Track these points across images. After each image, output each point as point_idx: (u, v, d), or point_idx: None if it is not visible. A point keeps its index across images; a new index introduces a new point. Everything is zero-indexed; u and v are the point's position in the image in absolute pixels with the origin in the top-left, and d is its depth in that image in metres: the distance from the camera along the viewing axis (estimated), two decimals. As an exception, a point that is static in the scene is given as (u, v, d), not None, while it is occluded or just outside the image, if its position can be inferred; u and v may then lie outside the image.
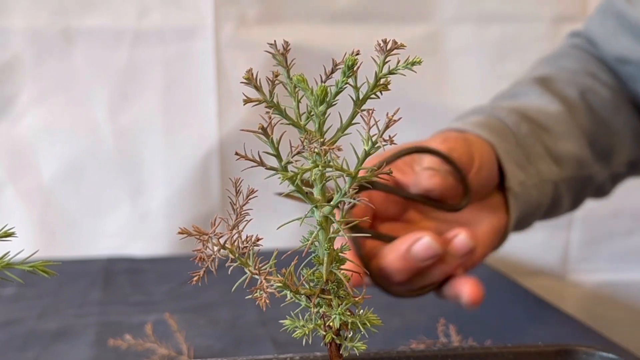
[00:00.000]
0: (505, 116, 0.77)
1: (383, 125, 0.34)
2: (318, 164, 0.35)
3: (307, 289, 0.37)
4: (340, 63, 0.35)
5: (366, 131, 0.34)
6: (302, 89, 0.35)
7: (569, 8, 1.18)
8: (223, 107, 1.12)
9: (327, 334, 0.37)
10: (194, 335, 0.74)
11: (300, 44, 1.11)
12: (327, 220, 0.36)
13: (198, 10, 1.10)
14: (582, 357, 0.50)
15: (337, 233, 0.36)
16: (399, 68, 0.34)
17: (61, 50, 1.09)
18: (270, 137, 0.34)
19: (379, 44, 0.34)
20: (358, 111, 0.35)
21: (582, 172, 0.81)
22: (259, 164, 0.35)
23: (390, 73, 0.35)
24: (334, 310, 0.36)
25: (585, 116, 0.83)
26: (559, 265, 1.25)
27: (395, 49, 0.34)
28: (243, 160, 0.35)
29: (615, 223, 1.24)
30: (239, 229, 0.35)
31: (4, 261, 0.34)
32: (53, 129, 1.11)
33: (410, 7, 1.16)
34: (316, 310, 0.36)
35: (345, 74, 0.35)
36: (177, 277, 0.99)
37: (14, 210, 1.12)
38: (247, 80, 0.34)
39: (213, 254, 0.34)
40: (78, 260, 1.07)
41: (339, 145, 0.34)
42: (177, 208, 1.14)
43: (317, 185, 0.36)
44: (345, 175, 0.35)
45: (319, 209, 0.36)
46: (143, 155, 1.13)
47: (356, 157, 0.36)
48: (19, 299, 0.89)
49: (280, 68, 0.36)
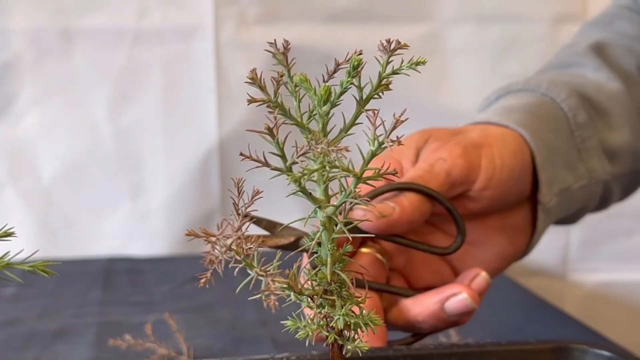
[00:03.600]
0: (563, 98, 0.67)
1: (390, 126, 0.34)
2: (324, 164, 0.34)
3: (311, 290, 0.36)
4: (342, 63, 0.34)
5: (372, 131, 0.34)
6: (304, 89, 0.35)
7: (569, 8, 1.18)
8: (223, 107, 1.12)
9: (329, 334, 0.37)
10: (194, 335, 0.74)
11: (300, 44, 1.11)
12: (330, 221, 0.36)
13: (198, 10, 1.10)
14: (576, 354, 0.50)
15: (340, 233, 0.36)
16: (403, 68, 0.34)
17: (61, 50, 1.09)
18: (276, 137, 0.34)
19: (382, 43, 0.34)
20: (362, 111, 0.35)
21: (637, 165, 0.72)
22: (263, 165, 0.34)
23: (394, 73, 0.34)
24: (337, 311, 0.36)
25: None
26: (558, 265, 1.24)
27: (398, 49, 0.34)
28: (243, 160, 0.35)
29: (615, 223, 1.23)
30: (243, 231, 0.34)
31: (4, 261, 0.34)
32: (53, 129, 1.11)
33: (410, 7, 1.16)
34: (319, 311, 0.36)
35: (350, 74, 0.34)
36: (177, 277, 0.99)
37: (14, 210, 1.11)
38: (252, 80, 0.34)
39: (220, 256, 0.34)
40: (78, 260, 1.07)
41: (346, 145, 0.34)
42: (177, 208, 1.14)
43: (320, 185, 0.36)
44: (350, 175, 0.35)
45: (322, 210, 0.36)
46: (143, 155, 1.13)
47: (362, 157, 0.36)
48: (19, 299, 0.89)
49: (281, 68, 0.36)
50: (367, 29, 1.13)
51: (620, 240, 1.24)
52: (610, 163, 0.69)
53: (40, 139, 1.11)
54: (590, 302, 1.25)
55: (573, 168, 0.66)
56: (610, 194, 0.71)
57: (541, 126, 0.64)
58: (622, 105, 0.71)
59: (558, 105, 0.66)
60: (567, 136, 0.66)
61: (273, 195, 0.54)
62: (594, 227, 1.23)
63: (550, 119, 0.65)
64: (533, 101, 0.66)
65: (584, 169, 0.66)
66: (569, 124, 0.66)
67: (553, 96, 0.67)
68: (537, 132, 0.63)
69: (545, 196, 0.62)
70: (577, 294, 1.25)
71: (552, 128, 0.65)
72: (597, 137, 0.68)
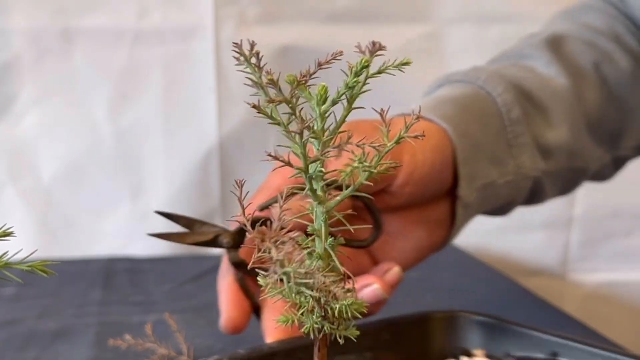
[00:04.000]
0: (499, 93, 0.67)
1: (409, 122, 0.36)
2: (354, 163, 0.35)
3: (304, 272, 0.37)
4: (324, 63, 0.35)
5: (385, 127, 0.36)
6: (299, 90, 0.36)
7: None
8: (223, 107, 1.12)
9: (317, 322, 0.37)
10: (194, 335, 0.74)
11: (300, 44, 1.11)
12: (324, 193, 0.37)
13: (198, 10, 1.10)
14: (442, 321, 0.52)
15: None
16: (389, 67, 0.35)
17: (61, 50, 1.09)
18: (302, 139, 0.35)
19: (367, 46, 0.35)
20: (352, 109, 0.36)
21: (573, 163, 0.72)
22: (286, 164, 0.35)
23: (380, 72, 0.35)
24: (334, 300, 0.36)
25: (595, 92, 0.73)
26: (558, 265, 1.25)
27: (379, 50, 0.35)
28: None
29: (615, 223, 1.23)
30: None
31: (3, 261, 0.34)
32: (53, 129, 1.11)
33: (410, 7, 1.16)
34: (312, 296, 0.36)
35: (357, 74, 0.35)
36: (177, 277, 0.99)
37: (14, 210, 1.11)
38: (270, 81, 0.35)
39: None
40: (78, 260, 1.07)
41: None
42: (177, 208, 1.14)
43: (318, 182, 0.37)
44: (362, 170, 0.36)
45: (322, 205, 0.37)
46: (143, 155, 1.13)
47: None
48: (19, 299, 0.89)
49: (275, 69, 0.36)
50: (367, 29, 1.13)
51: (620, 240, 1.24)
52: (543, 159, 0.69)
53: (40, 139, 1.11)
54: (590, 302, 1.25)
55: (500, 163, 0.66)
56: (541, 190, 0.71)
57: (469, 120, 0.64)
58: (565, 102, 0.71)
59: (493, 99, 0.66)
60: (497, 131, 0.66)
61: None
62: (594, 227, 1.23)
63: (481, 113, 0.65)
64: (467, 93, 0.67)
65: (513, 164, 0.66)
66: (502, 119, 0.66)
67: (489, 90, 0.67)
68: (463, 126, 0.63)
69: (464, 190, 0.63)
70: (577, 294, 1.25)
71: (481, 122, 0.65)
72: (532, 133, 0.68)
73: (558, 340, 0.49)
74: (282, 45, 1.10)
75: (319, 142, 0.35)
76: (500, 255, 1.20)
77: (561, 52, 0.74)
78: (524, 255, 1.23)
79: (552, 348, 0.49)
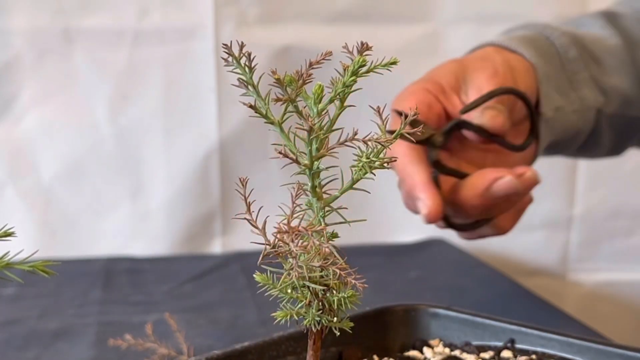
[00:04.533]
0: (556, 37, 0.74)
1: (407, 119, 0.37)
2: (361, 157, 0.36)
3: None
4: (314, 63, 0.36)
5: (381, 124, 0.37)
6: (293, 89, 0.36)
7: (569, 8, 1.18)
8: (223, 107, 1.12)
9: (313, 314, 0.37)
10: (194, 335, 0.74)
11: (300, 44, 1.11)
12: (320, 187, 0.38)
13: (198, 10, 1.10)
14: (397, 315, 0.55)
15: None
16: (377, 67, 0.36)
17: (61, 50, 1.09)
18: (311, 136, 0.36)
19: (356, 46, 0.37)
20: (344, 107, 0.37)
21: (629, 111, 0.77)
22: (294, 161, 0.36)
23: (368, 71, 0.36)
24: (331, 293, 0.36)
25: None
26: (558, 265, 1.25)
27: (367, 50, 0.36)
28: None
29: (615, 223, 1.23)
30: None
31: (4, 261, 0.34)
32: (53, 129, 1.11)
33: (410, 7, 1.16)
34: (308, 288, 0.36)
35: (354, 73, 0.36)
36: (177, 277, 0.99)
37: (14, 210, 1.11)
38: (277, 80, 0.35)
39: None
40: (78, 260, 1.07)
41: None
42: (177, 208, 1.14)
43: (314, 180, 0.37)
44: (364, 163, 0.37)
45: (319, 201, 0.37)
46: (143, 155, 1.13)
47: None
48: (19, 299, 0.89)
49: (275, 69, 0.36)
50: (367, 29, 1.13)
51: (620, 240, 1.24)
52: (603, 97, 0.75)
53: (41, 139, 1.11)
54: (590, 301, 1.25)
55: (565, 94, 0.72)
56: (600, 130, 0.76)
57: (538, 55, 0.71)
58: (617, 57, 0.76)
59: (551, 42, 0.73)
60: (559, 67, 0.72)
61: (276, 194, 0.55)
62: (594, 227, 1.23)
63: (545, 50, 0.72)
64: (530, 35, 0.74)
65: (575, 96, 0.73)
66: (560, 57, 0.73)
67: (547, 34, 0.74)
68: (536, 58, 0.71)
69: (545, 106, 0.70)
70: (577, 294, 1.25)
71: (546, 58, 0.72)
72: (590, 73, 0.74)
73: (514, 327, 0.52)
74: (282, 45, 1.10)
75: (317, 140, 0.36)
76: (500, 255, 1.20)
77: (616, 22, 0.79)
78: (524, 255, 1.23)
79: (510, 335, 0.52)
